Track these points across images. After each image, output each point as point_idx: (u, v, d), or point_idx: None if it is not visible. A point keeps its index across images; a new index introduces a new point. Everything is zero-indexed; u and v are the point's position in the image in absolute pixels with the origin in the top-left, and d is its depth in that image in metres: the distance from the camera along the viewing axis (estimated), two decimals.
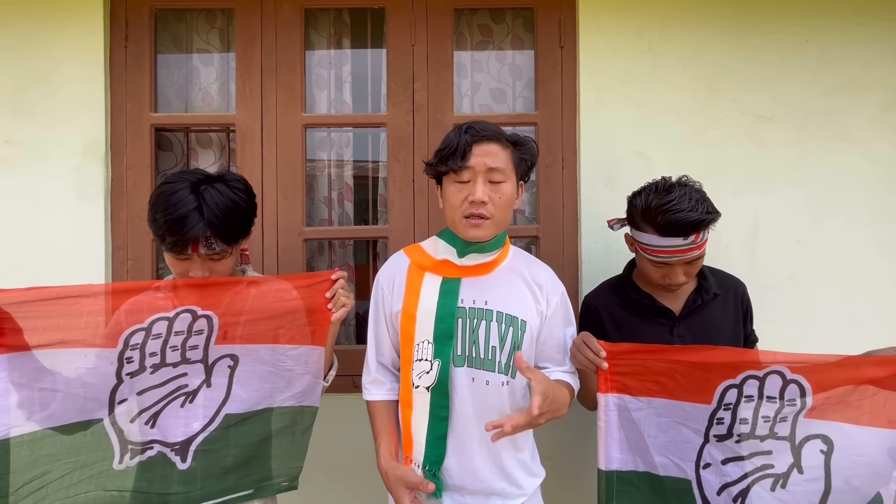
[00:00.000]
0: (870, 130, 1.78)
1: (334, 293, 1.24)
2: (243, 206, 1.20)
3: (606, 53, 1.78)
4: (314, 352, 1.26)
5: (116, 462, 1.17)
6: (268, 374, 1.24)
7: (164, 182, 1.18)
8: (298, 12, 1.83)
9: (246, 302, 1.22)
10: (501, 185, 1.18)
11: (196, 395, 1.21)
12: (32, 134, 1.75)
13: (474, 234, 1.19)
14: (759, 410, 1.17)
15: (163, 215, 1.13)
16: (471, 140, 1.16)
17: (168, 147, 2.00)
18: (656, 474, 1.21)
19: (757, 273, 1.73)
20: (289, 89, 1.82)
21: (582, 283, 1.78)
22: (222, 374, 1.22)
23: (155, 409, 1.19)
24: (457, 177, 1.17)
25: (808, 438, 1.16)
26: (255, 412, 1.24)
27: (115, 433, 1.17)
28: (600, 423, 1.22)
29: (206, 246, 1.16)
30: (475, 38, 1.99)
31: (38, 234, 1.74)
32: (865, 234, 1.77)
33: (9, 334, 1.09)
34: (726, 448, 1.19)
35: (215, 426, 1.21)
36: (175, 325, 1.18)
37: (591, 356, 1.21)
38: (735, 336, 1.41)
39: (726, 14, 1.78)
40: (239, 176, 1.25)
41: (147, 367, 1.18)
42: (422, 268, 1.26)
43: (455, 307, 1.20)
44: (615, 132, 1.78)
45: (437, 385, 1.19)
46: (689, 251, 1.26)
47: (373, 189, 2.06)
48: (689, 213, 1.23)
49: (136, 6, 1.80)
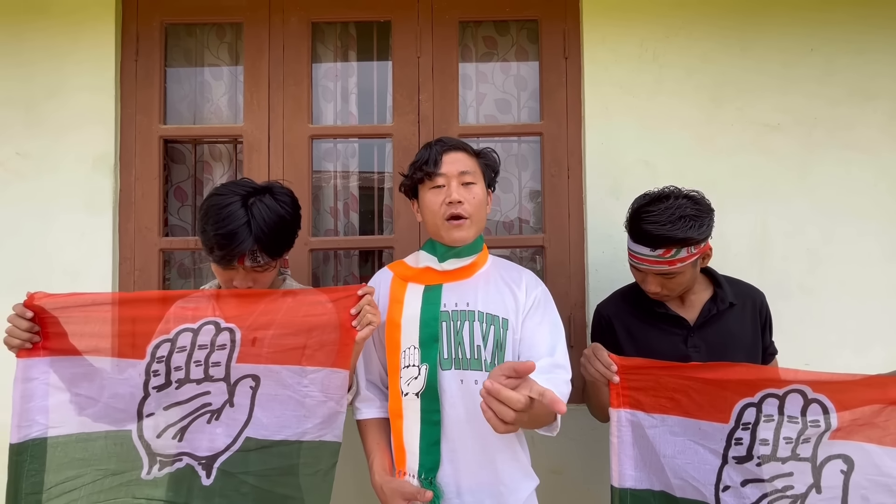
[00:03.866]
0: (878, 139, 1.76)
1: (360, 310, 1.17)
2: (289, 220, 1.22)
3: (611, 64, 1.79)
4: (336, 375, 1.19)
5: (145, 472, 1.17)
6: (289, 399, 1.20)
7: (214, 193, 1.19)
8: (306, 26, 1.85)
9: (277, 314, 1.19)
10: (473, 187, 1.26)
11: (220, 412, 1.19)
12: (43, 145, 1.78)
13: (458, 234, 1.24)
14: (780, 431, 1.12)
15: (213, 229, 1.14)
16: (441, 150, 1.27)
17: (181, 160, 2.03)
18: (673, 495, 1.17)
19: (766, 283, 1.69)
20: (296, 101, 1.84)
21: (589, 292, 1.77)
22: (244, 395, 1.20)
23: (182, 423, 1.19)
24: (432, 183, 1.26)
25: (830, 458, 1.12)
26: (275, 441, 1.19)
27: (142, 446, 1.18)
28: (613, 438, 1.19)
29: (252, 259, 1.17)
30: (480, 49, 2.01)
31: (46, 244, 1.76)
32: (875, 243, 1.75)
33: (53, 338, 1.13)
34: (745, 470, 1.15)
35: (237, 447, 1.19)
36: (199, 338, 1.18)
37: (602, 369, 1.19)
38: (753, 347, 1.38)
39: (730, 24, 1.79)
40: (286, 189, 1.26)
41: (173, 381, 1.18)
42: (404, 278, 1.30)
43: (438, 311, 1.23)
44: (620, 142, 1.78)
45: (426, 390, 1.19)
46: (656, 263, 1.25)
47: (378, 199, 2.07)
48: (661, 226, 1.22)
49: (147, 21, 1.84)
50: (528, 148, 2.01)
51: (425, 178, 1.26)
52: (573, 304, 1.78)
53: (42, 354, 1.13)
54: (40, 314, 1.12)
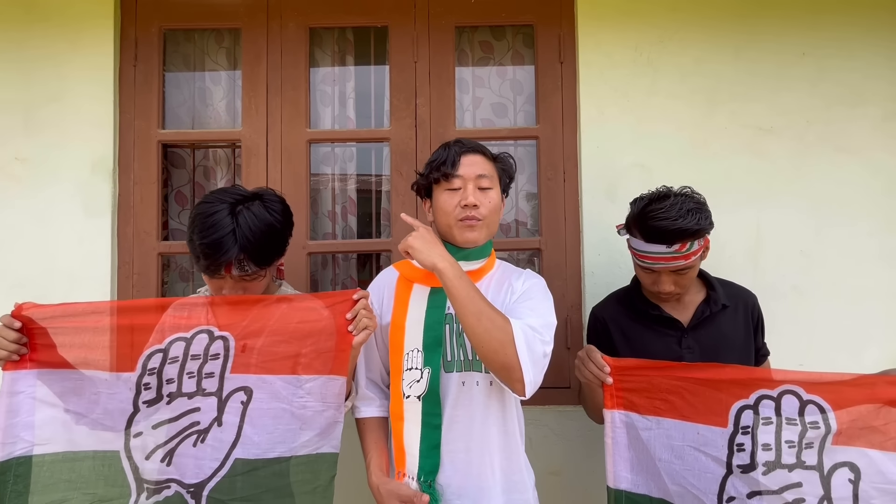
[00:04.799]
0: (870, 140, 1.78)
1: (356, 314, 1.15)
2: (278, 228, 1.19)
3: (606, 68, 1.81)
4: (333, 382, 1.15)
5: (132, 501, 1.12)
6: (282, 412, 1.14)
7: (202, 202, 1.18)
8: (303, 31, 1.87)
9: (269, 320, 1.16)
10: (489, 192, 1.25)
11: (207, 433, 1.14)
12: (42, 150, 1.79)
13: (470, 235, 1.23)
14: (780, 434, 1.11)
15: (199, 237, 1.13)
16: (459, 151, 1.26)
17: (181, 165, 2.04)
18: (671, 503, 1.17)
19: (760, 284, 1.72)
20: (293, 105, 1.85)
21: (585, 294, 1.78)
22: (234, 412, 1.15)
23: (170, 445, 1.13)
24: (448, 184, 1.25)
25: (837, 467, 1.10)
26: (267, 460, 1.13)
27: (130, 469, 1.13)
28: (607, 439, 1.20)
29: (239, 268, 1.15)
30: (476, 54, 2.03)
31: (45, 248, 1.77)
32: (868, 244, 1.76)
33: (41, 350, 1.09)
34: (752, 480, 1.12)
35: (225, 471, 1.13)
36: (192, 348, 1.14)
37: (595, 370, 1.20)
38: (746, 348, 1.39)
39: (723, 28, 1.81)
40: (278, 196, 1.24)
41: (164, 395, 1.14)
42: (410, 280, 1.29)
43: (443, 315, 1.23)
44: (616, 145, 1.79)
45: (427, 393, 1.19)
46: (672, 259, 1.26)
47: (376, 203, 2.08)
48: (675, 220, 1.24)
49: (145, 27, 1.85)
50: (525, 151, 2.03)
51: (441, 178, 1.25)
52: (570, 306, 1.79)
53: (29, 367, 1.08)
54: (28, 325, 1.08)
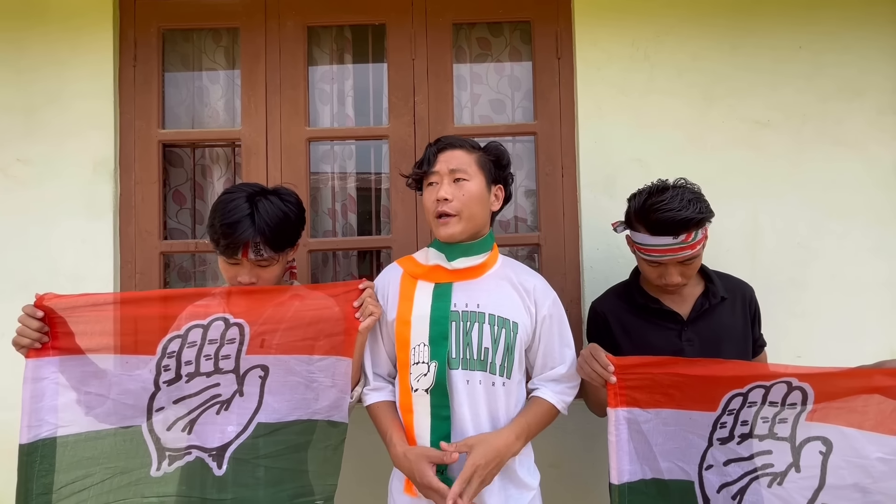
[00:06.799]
0: (866, 134, 1.79)
1: (362, 302, 1.25)
2: (293, 219, 1.28)
3: (603, 64, 1.82)
4: (341, 363, 1.25)
5: (154, 469, 1.20)
6: (298, 384, 1.25)
7: (224, 192, 1.28)
8: (301, 30, 1.88)
9: (282, 308, 1.25)
10: (465, 183, 1.28)
11: (230, 403, 1.24)
12: (43, 151, 1.80)
13: (445, 231, 1.27)
14: (759, 413, 1.18)
15: (219, 220, 1.22)
16: (437, 149, 1.32)
17: (179, 164, 2.05)
18: (662, 479, 1.21)
19: (758, 277, 1.73)
20: (292, 104, 1.86)
21: (584, 289, 1.79)
22: (253, 384, 1.24)
23: (191, 416, 1.22)
24: (427, 181, 1.31)
25: (809, 440, 1.17)
26: (286, 423, 1.24)
27: (152, 441, 1.21)
28: (611, 437, 1.21)
29: (255, 251, 1.22)
30: (474, 51, 2.03)
31: (48, 249, 1.78)
32: (865, 237, 1.77)
33: (62, 338, 1.16)
34: (728, 450, 1.20)
35: (248, 434, 1.23)
36: (209, 333, 1.22)
37: (600, 370, 1.21)
38: (744, 340, 1.41)
39: (720, 23, 1.82)
40: (292, 192, 1.33)
41: (183, 375, 1.22)
42: (414, 276, 1.32)
43: (448, 310, 1.25)
44: (613, 140, 1.80)
45: (435, 386, 1.22)
46: (679, 250, 1.28)
47: (376, 200, 2.09)
48: (679, 211, 1.25)
49: (144, 27, 1.86)
50: (523, 147, 2.04)
51: (423, 176, 1.31)
52: (569, 300, 1.80)
53: (51, 354, 1.15)
54: (49, 315, 1.15)
